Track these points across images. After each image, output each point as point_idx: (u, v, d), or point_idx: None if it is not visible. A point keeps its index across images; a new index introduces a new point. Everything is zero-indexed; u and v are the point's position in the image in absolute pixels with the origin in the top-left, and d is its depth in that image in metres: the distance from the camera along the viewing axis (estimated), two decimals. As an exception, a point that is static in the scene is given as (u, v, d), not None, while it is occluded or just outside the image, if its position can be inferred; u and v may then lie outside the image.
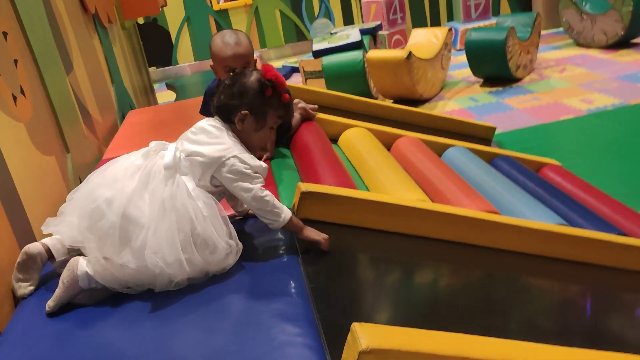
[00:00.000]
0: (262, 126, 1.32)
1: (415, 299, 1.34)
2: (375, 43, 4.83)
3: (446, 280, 1.55)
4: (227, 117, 1.31)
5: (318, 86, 4.89)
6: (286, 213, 1.28)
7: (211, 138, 1.27)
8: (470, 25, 5.90)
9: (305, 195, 1.42)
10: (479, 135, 3.07)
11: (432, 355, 0.87)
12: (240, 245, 1.25)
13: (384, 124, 2.66)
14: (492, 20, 5.86)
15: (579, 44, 5.34)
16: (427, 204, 1.56)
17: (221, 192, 1.30)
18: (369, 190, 1.82)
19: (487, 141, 3.10)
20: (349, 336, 0.89)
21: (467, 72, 4.78)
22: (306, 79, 5.16)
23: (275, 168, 1.89)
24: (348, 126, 2.32)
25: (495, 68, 4.40)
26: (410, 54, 3.95)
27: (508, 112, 3.91)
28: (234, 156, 1.23)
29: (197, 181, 1.24)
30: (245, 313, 1.08)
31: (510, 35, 4.23)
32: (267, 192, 1.26)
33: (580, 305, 1.62)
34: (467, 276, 1.57)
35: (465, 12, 6.02)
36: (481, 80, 4.70)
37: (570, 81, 4.34)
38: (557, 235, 1.62)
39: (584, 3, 5.14)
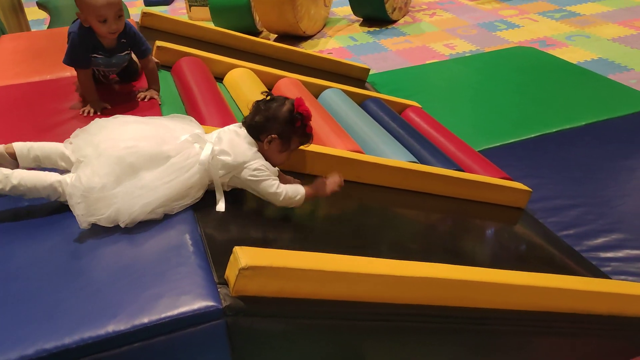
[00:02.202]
0: (285, 149, 1.50)
1: (294, 227, 1.59)
2: (261, -25, 4.85)
3: (322, 211, 1.82)
4: (257, 136, 1.47)
5: (203, 14, 4.88)
6: (301, 193, 1.47)
7: (240, 143, 1.44)
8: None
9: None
10: (354, 75, 3.35)
11: (296, 269, 1.14)
12: None
13: (268, 62, 2.83)
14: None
15: (449, -12, 5.75)
16: (300, 145, 1.80)
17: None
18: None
19: (361, 81, 3.39)
20: (231, 257, 1.13)
21: (349, 9, 5.00)
22: (190, 6, 5.09)
23: (164, 107, 2.01)
24: (233, 66, 2.47)
25: (373, 9, 4.66)
26: (294, -9, 4.07)
27: (382, 53, 4.22)
28: (257, 163, 1.42)
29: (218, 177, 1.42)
30: (146, 241, 1.27)
31: (387, -22, 4.48)
32: (282, 189, 1.43)
33: (433, 229, 1.98)
34: (340, 207, 1.86)
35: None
36: (361, 19, 4.95)
37: (438, 25, 4.74)
38: (408, 171, 1.95)
39: (455, -50, 5.49)
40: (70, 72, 2.29)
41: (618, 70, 3.60)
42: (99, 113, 1.89)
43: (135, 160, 1.33)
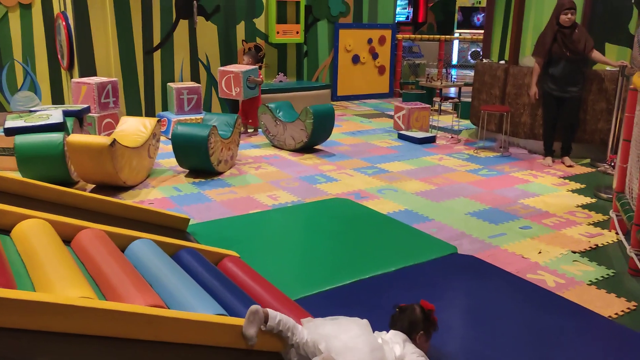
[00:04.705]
0: (429, 338, 2.14)
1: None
2: (82, 125, 4.75)
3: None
4: (409, 334, 2.09)
5: (12, 164, 4.53)
6: None
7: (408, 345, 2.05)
8: (182, 117, 6.26)
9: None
10: (173, 225, 3.25)
11: None
12: None
13: (76, 212, 2.62)
14: (203, 115, 6.34)
15: (274, 145, 6.14)
16: (86, 301, 1.60)
17: None
18: (34, 287, 1.78)
19: (181, 232, 3.30)
20: None
21: (175, 161, 5.02)
22: (-2, 155, 4.73)
23: None
24: (24, 217, 2.24)
25: (198, 161, 4.74)
26: (114, 142, 4.00)
27: (207, 203, 4.23)
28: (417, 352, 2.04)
29: None
30: None
31: (212, 133, 4.65)
32: None
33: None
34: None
35: (178, 105, 6.38)
36: (187, 171, 4.99)
37: (263, 178, 4.94)
38: (213, 324, 1.83)
39: (277, 111, 5.98)
40: None
41: (422, 220, 3.98)
42: None
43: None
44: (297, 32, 8.11)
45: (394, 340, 2.04)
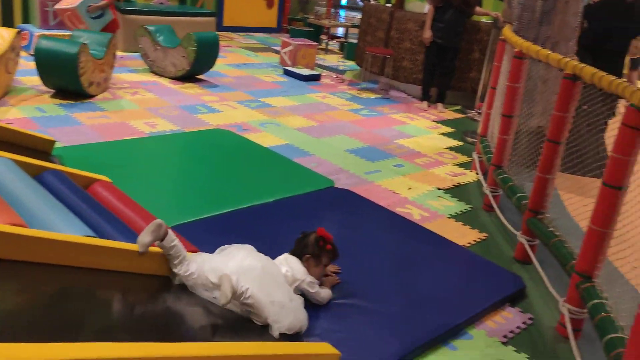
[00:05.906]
0: (318, 264, 2.19)
1: None
2: None
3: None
4: (299, 258, 2.18)
5: None
6: (329, 294, 2.22)
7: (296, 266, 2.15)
8: (47, 32, 5.66)
9: None
10: (35, 147, 2.99)
11: None
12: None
13: None
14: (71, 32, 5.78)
15: (152, 71, 5.80)
16: None
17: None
18: None
19: (45, 154, 3.05)
20: None
21: (39, 80, 4.57)
22: None
23: None
24: None
25: (66, 81, 4.36)
26: (-36, 50, 3.53)
27: (75, 126, 3.93)
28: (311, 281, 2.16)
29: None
30: None
31: (82, 51, 4.27)
32: (322, 293, 2.18)
33: (112, 306, 1.78)
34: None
35: (42, 18, 5.75)
36: (52, 91, 4.57)
37: (140, 104, 4.68)
38: (81, 245, 1.74)
39: (158, 35, 5.62)
40: None
41: (302, 155, 4.03)
42: None
43: (281, 281, 2.03)
44: (182, -48, 7.59)
45: (282, 262, 2.15)
